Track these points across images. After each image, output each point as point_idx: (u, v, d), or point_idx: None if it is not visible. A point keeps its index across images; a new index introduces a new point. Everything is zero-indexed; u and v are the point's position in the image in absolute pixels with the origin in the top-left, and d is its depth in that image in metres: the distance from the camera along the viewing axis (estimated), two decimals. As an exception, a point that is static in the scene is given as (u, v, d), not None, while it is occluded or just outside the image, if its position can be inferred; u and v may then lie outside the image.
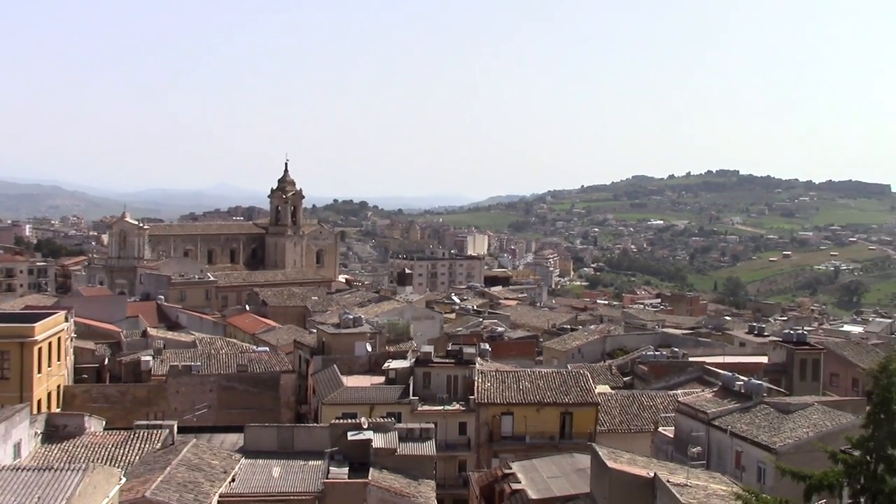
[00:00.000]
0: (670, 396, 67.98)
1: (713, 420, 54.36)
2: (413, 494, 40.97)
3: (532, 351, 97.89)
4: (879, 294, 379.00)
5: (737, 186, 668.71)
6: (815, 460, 32.83)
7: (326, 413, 59.81)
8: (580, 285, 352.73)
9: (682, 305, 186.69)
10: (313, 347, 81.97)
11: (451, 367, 67.17)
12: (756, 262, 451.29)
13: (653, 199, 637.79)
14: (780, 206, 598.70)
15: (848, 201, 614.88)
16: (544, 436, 62.98)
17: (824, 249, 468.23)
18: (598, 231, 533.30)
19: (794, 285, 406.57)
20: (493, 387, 65.33)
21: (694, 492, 37.55)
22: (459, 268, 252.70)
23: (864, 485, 26.29)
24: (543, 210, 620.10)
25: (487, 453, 62.87)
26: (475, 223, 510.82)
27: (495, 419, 63.42)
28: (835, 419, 51.14)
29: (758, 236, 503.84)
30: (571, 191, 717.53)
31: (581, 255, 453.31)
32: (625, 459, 42.69)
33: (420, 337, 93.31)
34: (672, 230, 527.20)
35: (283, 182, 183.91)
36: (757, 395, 56.88)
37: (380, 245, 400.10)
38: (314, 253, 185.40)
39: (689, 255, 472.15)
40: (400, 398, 63.57)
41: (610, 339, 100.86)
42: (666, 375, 77.94)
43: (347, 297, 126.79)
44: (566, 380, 66.70)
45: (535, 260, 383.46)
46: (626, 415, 67.12)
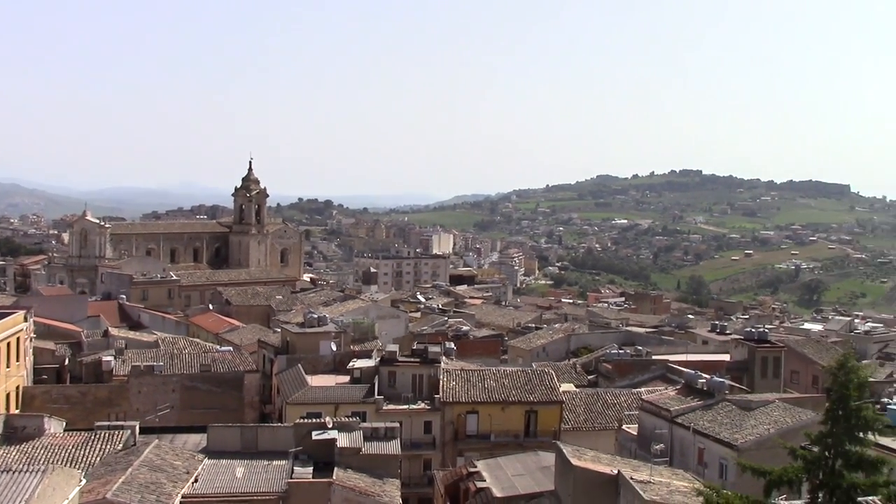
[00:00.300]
0: (634, 394, 68.49)
1: (676, 417, 54.87)
2: (378, 494, 40.85)
3: (497, 350, 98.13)
4: (839, 292, 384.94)
5: (700, 186, 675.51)
6: (776, 456, 33.25)
7: (291, 413, 59.48)
8: (545, 284, 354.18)
9: (645, 304, 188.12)
10: (277, 347, 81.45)
11: (417, 366, 67.12)
12: (718, 261, 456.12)
13: (617, 199, 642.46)
14: (742, 206, 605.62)
15: (808, 201, 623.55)
16: (509, 434, 63.12)
17: (785, 248, 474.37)
18: (563, 230, 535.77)
19: (756, 284, 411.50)
20: (458, 385, 65.37)
21: (657, 488, 37.86)
22: (425, 267, 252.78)
23: (822, 480, 26.62)
24: (509, 209, 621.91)
25: (452, 452, 62.89)
26: (440, 222, 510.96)
27: (460, 418, 63.47)
28: (795, 416, 51.84)
29: (720, 235, 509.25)
30: (536, 190, 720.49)
31: (546, 254, 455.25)
32: (589, 457, 42.92)
33: (385, 336, 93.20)
34: (636, 229, 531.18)
35: (247, 181, 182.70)
36: (719, 392, 57.48)
37: (345, 244, 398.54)
38: (278, 252, 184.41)
39: (653, 254, 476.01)
40: (365, 397, 63.41)
41: (574, 337, 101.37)
42: (630, 373, 78.53)
43: (312, 296, 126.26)
44: (531, 378, 66.91)
45: (500, 259, 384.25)
46: (590, 413, 67.53)
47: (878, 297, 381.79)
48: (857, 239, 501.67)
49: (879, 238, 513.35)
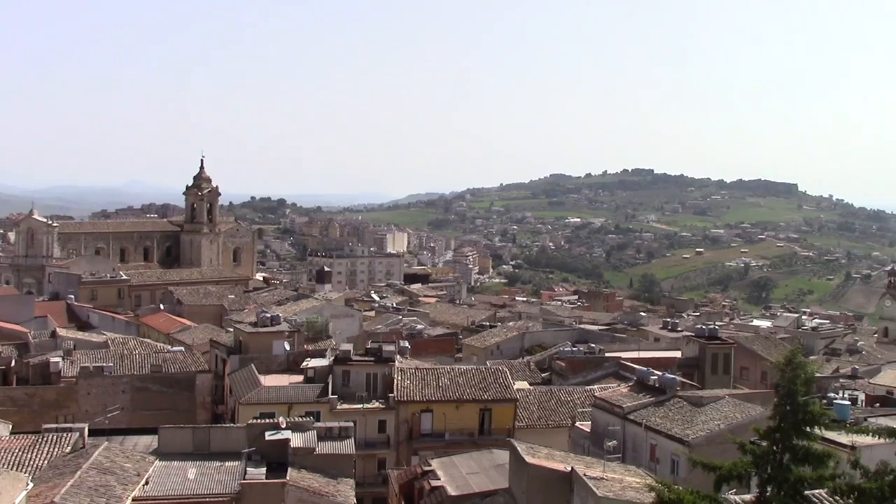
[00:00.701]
0: (587, 391, 68.99)
1: (628, 414, 55.40)
2: (332, 493, 40.69)
3: (451, 348, 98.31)
4: (787, 289, 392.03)
5: (651, 185, 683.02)
6: (726, 451, 33.71)
7: (243, 413, 58.98)
8: (499, 282, 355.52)
9: (598, 302, 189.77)
10: (230, 347, 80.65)
11: (371, 365, 66.94)
12: (670, 259, 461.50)
13: (570, 198, 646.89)
14: (693, 205, 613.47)
15: (757, 200, 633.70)
16: (463, 432, 63.21)
17: (735, 246, 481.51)
18: (517, 229, 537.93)
19: (707, 281, 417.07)
20: (413, 384, 65.32)
21: (610, 485, 38.20)
22: (379, 265, 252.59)
23: (770, 474, 27.00)
24: (463, 208, 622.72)
25: (407, 451, 62.82)
26: (395, 221, 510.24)
27: (415, 416, 63.42)
28: (744, 411, 52.62)
29: (672, 234, 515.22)
30: (490, 189, 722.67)
31: (500, 252, 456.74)
32: (543, 454, 43.17)
33: (339, 335, 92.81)
34: (589, 228, 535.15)
35: (198, 179, 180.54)
36: (671, 389, 58.15)
37: (298, 243, 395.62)
38: (231, 251, 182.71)
39: (606, 252, 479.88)
40: (318, 397, 63.08)
41: (528, 335, 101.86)
42: (583, 371, 79.16)
43: (265, 295, 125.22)
44: (485, 376, 67.08)
45: (454, 257, 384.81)
46: (544, 410, 67.91)
47: (824, 293, 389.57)
48: (804, 237, 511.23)
49: (826, 236, 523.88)
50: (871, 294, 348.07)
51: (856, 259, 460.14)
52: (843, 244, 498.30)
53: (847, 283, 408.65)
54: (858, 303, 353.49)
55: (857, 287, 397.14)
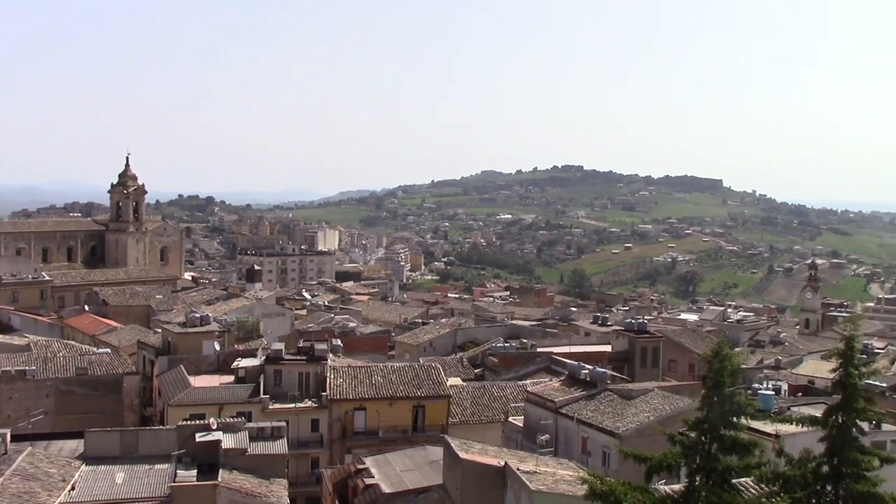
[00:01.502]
0: (520, 386, 69.46)
1: (560, 408, 55.97)
2: (265, 494, 40.25)
3: (384, 346, 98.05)
4: (713, 283, 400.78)
5: (581, 181, 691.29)
6: (656, 443, 34.29)
7: (173, 415, 58.03)
8: (431, 279, 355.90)
9: (530, 297, 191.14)
10: (158, 348, 79.25)
11: (303, 364, 66.44)
12: (600, 255, 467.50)
13: (501, 194, 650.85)
14: (621, 201, 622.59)
15: (684, 195, 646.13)
16: (397, 430, 63.21)
17: (662, 241, 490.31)
18: (449, 225, 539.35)
19: (635, 276, 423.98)
20: (346, 382, 65.06)
21: (543, 478, 38.52)
22: (310, 263, 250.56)
23: (699, 464, 27.50)
24: (394, 205, 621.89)
25: (340, 449, 62.54)
26: (326, 218, 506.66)
27: (348, 415, 63.18)
28: (673, 403, 53.59)
29: (601, 229, 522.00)
30: (422, 185, 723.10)
31: (432, 249, 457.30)
32: (476, 450, 43.33)
33: (270, 334, 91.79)
34: (520, 224, 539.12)
35: (123, 177, 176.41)
36: (601, 382, 58.93)
37: (227, 241, 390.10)
38: (158, 250, 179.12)
39: (537, 248, 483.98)
40: (250, 397, 62.37)
41: (461, 331, 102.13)
42: (515, 366, 79.68)
43: (194, 294, 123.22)
44: (418, 373, 67.15)
45: (386, 255, 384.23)
46: (477, 406, 68.16)
47: (748, 286, 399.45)
48: (729, 232, 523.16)
49: (749, 231, 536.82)
50: (792, 287, 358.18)
51: (778, 253, 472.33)
52: (766, 238, 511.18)
53: (770, 277, 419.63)
54: (781, 295, 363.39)
55: (779, 280, 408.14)
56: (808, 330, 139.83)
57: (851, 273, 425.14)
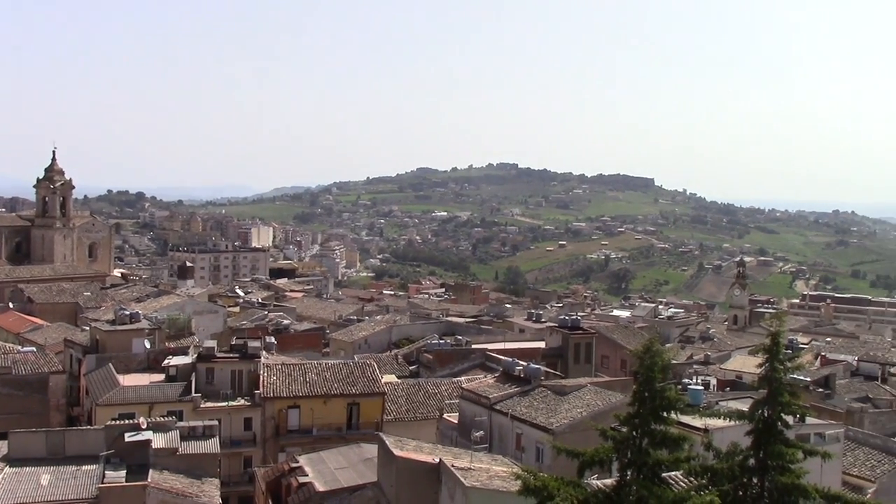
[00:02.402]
0: (454, 383, 69.65)
1: (495, 405, 56.25)
2: (196, 494, 39.69)
3: (319, 343, 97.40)
4: (644, 280, 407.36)
5: (516, 179, 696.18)
6: (588, 438, 34.66)
7: (101, 414, 56.84)
8: (366, 276, 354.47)
9: (465, 294, 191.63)
10: (86, 346, 77.45)
11: (236, 362, 65.68)
12: (534, 252, 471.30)
13: (437, 192, 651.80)
14: (555, 199, 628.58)
15: (617, 194, 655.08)
16: (332, 427, 62.87)
17: (596, 239, 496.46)
18: (384, 222, 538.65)
19: (569, 273, 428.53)
20: (279, 380, 64.50)
21: (477, 475, 38.67)
22: (243, 260, 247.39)
23: (630, 458, 27.87)
24: (329, 201, 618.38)
25: (274, 448, 62.00)
26: (260, 215, 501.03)
27: (282, 413, 62.65)
28: (605, 398, 54.27)
29: (535, 227, 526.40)
30: (357, 182, 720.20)
31: (367, 246, 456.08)
32: (411, 447, 43.32)
33: (202, 332, 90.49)
34: (455, 221, 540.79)
35: (50, 171, 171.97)
36: (535, 379, 59.39)
37: (158, 237, 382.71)
38: (86, 246, 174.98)
39: (472, 245, 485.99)
40: (181, 396, 61.40)
41: (396, 328, 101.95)
42: (450, 363, 79.80)
43: (123, 291, 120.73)
44: (353, 371, 66.89)
45: (321, 251, 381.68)
46: (412, 403, 68.17)
47: (679, 284, 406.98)
48: (660, 230, 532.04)
49: (680, 229, 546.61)
50: (721, 284, 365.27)
51: (708, 250, 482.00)
52: (696, 236, 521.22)
53: (700, 274, 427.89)
54: (710, 292, 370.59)
55: (708, 277, 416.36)
56: (736, 326, 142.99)
57: (778, 270, 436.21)
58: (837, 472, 45.36)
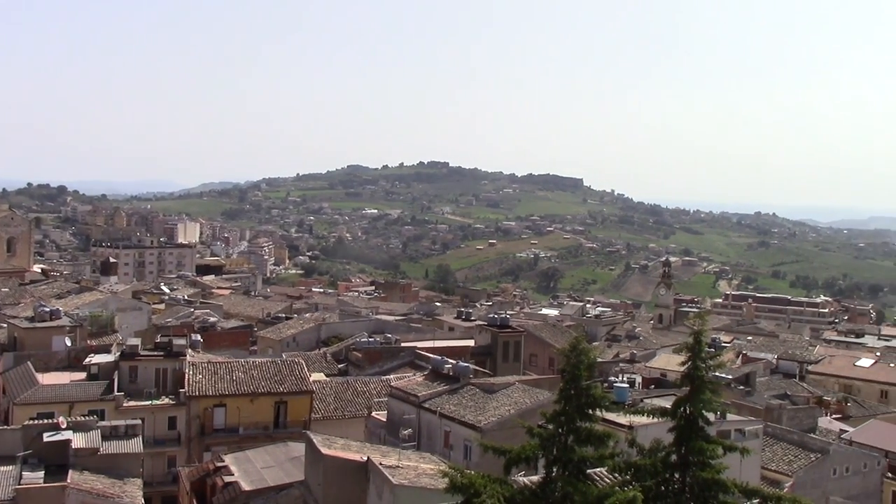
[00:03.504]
0: (383, 381, 69.60)
1: (423, 402, 56.31)
2: (118, 495, 38.88)
3: (246, 341, 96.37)
4: (573, 279, 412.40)
5: (447, 178, 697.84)
6: (516, 436, 34.92)
7: (19, 414, 55.25)
8: (295, 273, 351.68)
9: (395, 292, 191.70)
10: (4, 343, 75.19)
11: (160, 360, 64.51)
12: (464, 250, 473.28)
13: (367, 189, 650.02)
14: (486, 198, 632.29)
15: (546, 193, 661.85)
16: (258, 426, 62.25)
17: (525, 238, 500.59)
18: (314, 219, 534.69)
19: (499, 272, 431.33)
20: (205, 378, 63.55)
21: (405, 472, 38.71)
22: (169, 256, 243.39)
23: (556, 455, 28.14)
24: (258, 198, 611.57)
25: (199, 447, 61.07)
26: (186, 210, 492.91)
27: (207, 411, 61.74)
28: (533, 396, 54.77)
29: (466, 225, 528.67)
30: (287, 179, 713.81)
31: (296, 243, 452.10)
32: (339, 445, 43.16)
33: (126, 329, 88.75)
34: (386, 219, 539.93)
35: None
36: (464, 377, 59.60)
37: (81, 232, 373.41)
38: (4, 241, 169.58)
39: (402, 243, 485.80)
40: (103, 394, 60.04)
41: (325, 326, 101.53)
42: (379, 361, 79.75)
43: (44, 288, 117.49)
44: (280, 369, 66.30)
45: (249, 248, 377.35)
46: (340, 401, 67.94)
47: (606, 283, 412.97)
48: (588, 229, 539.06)
49: (608, 228, 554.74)
50: (647, 283, 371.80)
51: (634, 250, 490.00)
52: (624, 236, 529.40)
53: (627, 273, 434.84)
54: (637, 291, 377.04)
55: (635, 277, 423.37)
56: (661, 325, 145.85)
57: (702, 270, 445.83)
58: (756, 467, 46.58)
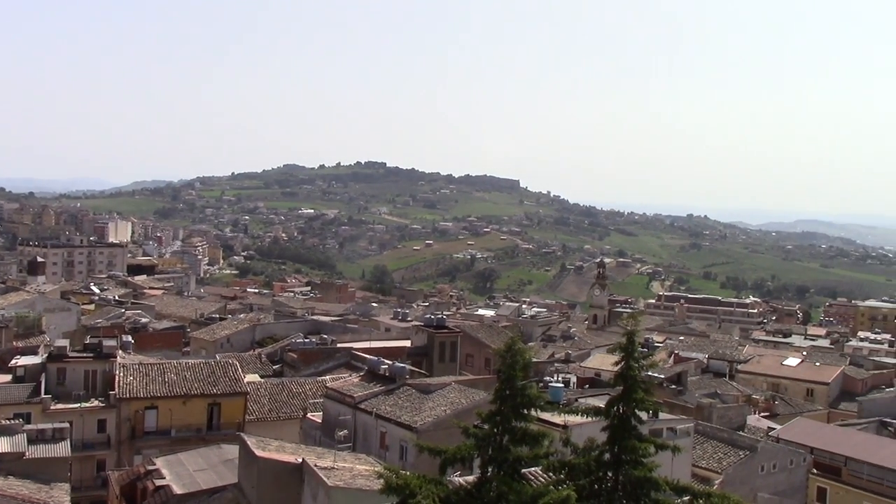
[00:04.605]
0: (319, 382, 69.18)
1: (359, 403, 56.09)
2: (44, 500, 37.94)
3: (179, 342, 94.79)
4: (509, 280, 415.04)
5: (384, 178, 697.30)
6: (452, 436, 34.95)
7: (-60, 418, 53.55)
8: (230, 274, 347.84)
9: (331, 293, 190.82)
10: (-75, 345, 73.02)
11: (89, 362, 63.20)
12: (401, 251, 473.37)
13: (304, 189, 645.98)
14: (423, 198, 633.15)
15: (483, 194, 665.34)
16: (191, 428, 61.31)
17: (462, 239, 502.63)
18: (249, 219, 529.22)
19: (436, 272, 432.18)
20: (136, 380, 62.38)
21: (340, 474, 38.48)
22: (100, 256, 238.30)
23: (491, 455, 28.24)
24: (192, 197, 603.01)
25: (130, 450, 59.91)
26: (118, 209, 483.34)
27: (138, 414, 60.60)
28: (469, 397, 54.93)
29: (403, 226, 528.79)
30: (221, 178, 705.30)
31: (231, 243, 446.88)
32: (273, 447, 42.71)
33: (54, 330, 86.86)
34: (322, 219, 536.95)
35: None
36: (400, 377, 59.55)
37: (7, 231, 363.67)
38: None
39: (339, 243, 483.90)
40: (29, 397, 58.63)
41: (260, 327, 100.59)
42: (315, 362, 79.24)
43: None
44: (214, 370, 65.42)
45: (182, 248, 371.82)
46: (275, 403, 67.30)
47: (542, 283, 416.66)
48: (525, 230, 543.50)
49: (544, 230, 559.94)
50: (583, 284, 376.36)
51: (570, 251, 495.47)
52: (559, 237, 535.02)
53: (562, 274, 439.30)
54: (572, 292, 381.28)
55: (570, 277, 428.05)
56: (595, 325, 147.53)
57: (636, 271, 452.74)
58: (687, 464, 47.41)
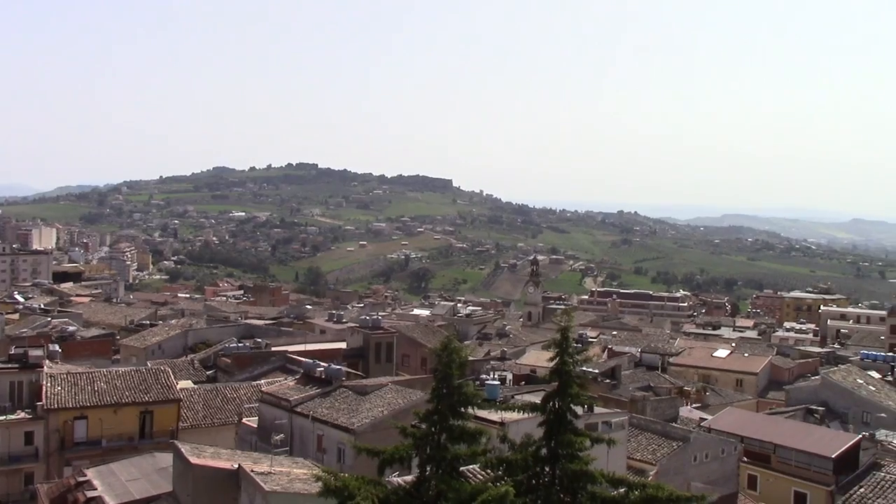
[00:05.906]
0: (254, 387, 68.46)
1: (295, 407, 55.68)
2: (-31, 517, 36.80)
3: (108, 350, 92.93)
4: (444, 279, 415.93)
5: (316, 179, 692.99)
6: (390, 436, 34.88)
7: None
8: (160, 279, 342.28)
9: (264, 296, 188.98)
10: None
11: (15, 373, 61.38)
12: (335, 252, 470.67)
13: (234, 191, 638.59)
14: (356, 199, 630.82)
15: (416, 194, 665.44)
16: (123, 437, 60.09)
17: (396, 239, 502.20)
18: (179, 223, 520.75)
19: (370, 273, 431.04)
20: (64, 390, 60.85)
21: (277, 478, 38.12)
22: (23, 264, 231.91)
23: (430, 454, 28.28)
24: (119, 201, 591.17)
25: (59, 462, 58.41)
26: (41, 215, 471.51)
27: (67, 424, 59.13)
28: (406, 397, 54.93)
29: (336, 227, 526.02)
30: (149, 181, 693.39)
31: (161, 247, 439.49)
32: (208, 454, 42.14)
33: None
34: (254, 222, 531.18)
35: None
36: (336, 379, 59.29)
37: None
38: None
39: (271, 246, 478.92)
40: (-49, 411, 56.80)
41: (192, 332, 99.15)
42: (249, 366, 78.43)
43: None
44: (146, 378, 64.19)
45: (110, 254, 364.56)
46: (209, 409, 66.37)
47: (477, 282, 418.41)
48: (458, 230, 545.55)
49: (478, 228, 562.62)
50: (517, 282, 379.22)
51: (504, 250, 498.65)
52: (493, 236, 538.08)
53: (496, 272, 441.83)
54: (506, 290, 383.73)
55: (504, 276, 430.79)
56: (530, 322, 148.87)
57: (569, 268, 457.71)
58: (623, 457, 48.09)
